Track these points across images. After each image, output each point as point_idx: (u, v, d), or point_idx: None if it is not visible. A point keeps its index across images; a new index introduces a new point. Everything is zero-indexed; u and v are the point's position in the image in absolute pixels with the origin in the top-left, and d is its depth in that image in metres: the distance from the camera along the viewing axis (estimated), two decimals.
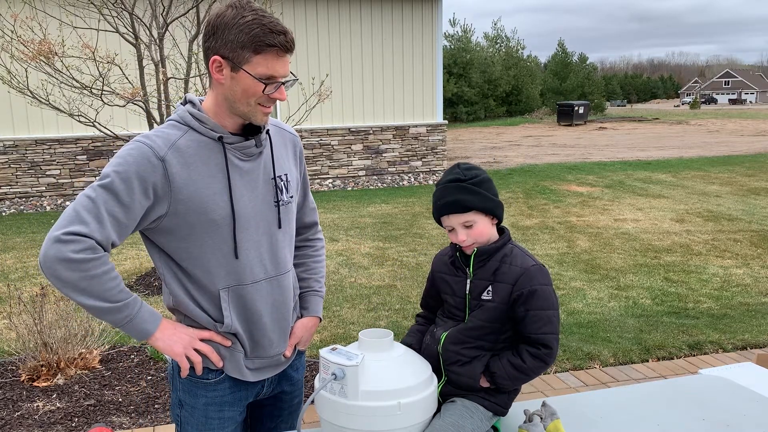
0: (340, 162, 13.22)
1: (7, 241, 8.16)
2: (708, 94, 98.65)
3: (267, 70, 1.56)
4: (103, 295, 1.55)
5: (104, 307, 1.56)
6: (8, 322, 4.47)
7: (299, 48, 12.49)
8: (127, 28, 5.72)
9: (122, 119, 8.71)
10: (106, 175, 1.55)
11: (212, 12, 1.60)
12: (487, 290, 1.73)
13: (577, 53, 49.74)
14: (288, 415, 1.98)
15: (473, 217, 1.71)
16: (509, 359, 1.71)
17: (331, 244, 7.70)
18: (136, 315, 1.61)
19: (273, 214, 1.74)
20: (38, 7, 6.41)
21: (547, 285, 1.70)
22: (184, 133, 1.63)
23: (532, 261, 1.73)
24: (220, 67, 1.58)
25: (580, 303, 5.47)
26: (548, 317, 1.68)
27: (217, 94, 1.64)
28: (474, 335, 1.72)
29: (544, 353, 1.68)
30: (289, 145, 1.86)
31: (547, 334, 1.68)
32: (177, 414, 1.81)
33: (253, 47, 1.54)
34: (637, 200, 10.52)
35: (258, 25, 1.53)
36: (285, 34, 1.56)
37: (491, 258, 1.74)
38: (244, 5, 1.56)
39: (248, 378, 1.79)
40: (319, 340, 4.60)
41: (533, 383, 3.95)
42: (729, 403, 1.99)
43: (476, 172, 1.74)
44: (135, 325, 1.61)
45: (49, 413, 3.57)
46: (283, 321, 1.81)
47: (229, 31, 1.54)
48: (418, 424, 1.65)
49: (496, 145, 21.62)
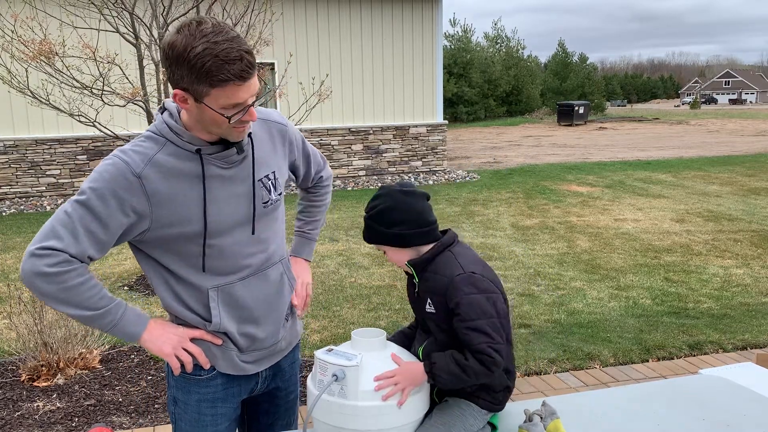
0: (340, 162, 13.22)
1: (7, 241, 8.16)
2: (708, 94, 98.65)
3: (229, 100, 1.50)
4: (84, 303, 1.57)
5: (87, 315, 1.59)
6: (8, 322, 4.48)
7: (299, 48, 12.49)
8: (128, 28, 5.72)
9: (122, 119, 8.72)
10: (83, 191, 1.55)
11: (165, 39, 1.51)
12: (428, 303, 1.74)
13: (577, 53, 49.79)
14: (284, 412, 1.98)
15: (380, 247, 1.78)
16: (453, 354, 1.66)
17: (331, 244, 7.70)
18: (120, 319, 1.63)
19: (258, 217, 1.74)
20: (38, 7, 6.41)
21: (473, 293, 1.64)
22: (162, 146, 1.60)
23: (459, 269, 1.68)
24: (184, 98, 1.53)
25: (580, 303, 5.47)
26: (478, 327, 1.62)
27: (190, 114, 1.60)
28: (444, 348, 1.72)
29: (486, 361, 1.62)
30: (277, 137, 1.82)
31: (481, 344, 1.62)
32: (172, 411, 1.82)
33: (208, 82, 1.47)
34: (637, 200, 10.52)
35: (210, 56, 1.43)
36: (241, 60, 1.46)
37: (425, 270, 1.75)
38: (194, 31, 1.45)
39: (246, 371, 1.79)
40: (320, 340, 4.60)
41: (533, 383, 3.96)
42: (729, 403, 1.99)
43: (375, 204, 1.74)
44: (121, 329, 1.63)
45: (49, 413, 3.57)
46: (275, 312, 1.82)
47: (182, 66, 1.46)
48: (414, 423, 1.67)
49: (496, 145, 21.63)
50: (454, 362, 1.64)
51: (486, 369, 1.63)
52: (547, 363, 4.24)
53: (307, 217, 2.11)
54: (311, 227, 2.11)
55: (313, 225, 2.11)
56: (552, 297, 5.63)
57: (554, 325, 4.96)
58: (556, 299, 5.57)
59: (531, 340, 4.64)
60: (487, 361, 1.62)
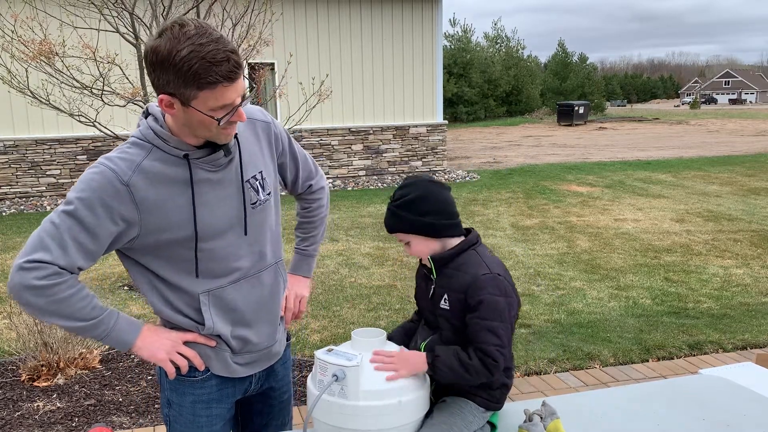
0: (340, 162, 13.22)
1: (7, 241, 8.16)
2: (708, 94, 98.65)
3: (217, 101, 1.48)
4: (75, 315, 1.56)
5: (79, 326, 1.57)
6: (8, 322, 4.48)
7: (299, 48, 12.49)
8: (128, 28, 5.72)
9: (122, 119, 8.71)
10: (70, 201, 1.52)
11: (147, 44, 1.49)
12: (444, 298, 1.73)
13: (577, 53, 49.79)
14: (278, 412, 1.98)
15: (404, 237, 1.74)
16: (457, 351, 1.67)
17: (332, 244, 7.70)
18: (112, 329, 1.61)
19: (249, 218, 1.73)
20: (38, 7, 6.41)
21: (496, 295, 1.65)
22: (148, 152, 1.58)
23: (486, 269, 1.69)
24: (170, 103, 1.50)
25: (580, 303, 5.47)
26: (493, 328, 1.64)
27: (175, 120, 1.57)
28: (448, 344, 1.72)
29: (489, 363, 1.63)
30: (263, 136, 1.80)
31: (491, 345, 1.63)
32: (166, 413, 1.81)
33: (196, 85, 1.45)
34: (637, 200, 10.52)
35: (196, 59, 1.41)
36: (228, 61, 1.44)
37: (447, 265, 1.74)
38: (178, 34, 1.42)
39: (238, 374, 1.79)
40: (320, 340, 4.60)
41: (533, 383, 3.96)
42: (729, 403, 1.99)
43: (403, 192, 1.73)
44: (114, 338, 1.62)
45: (50, 413, 3.57)
46: (269, 315, 1.81)
47: (168, 71, 1.44)
48: (415, 422, 1.67)
49: (496, 145, 21.63)
50: (457, 359, 1.65)
51: (487, 370, 1.64)
52: (547, 363, 4.24)
53: (304, 233, 2.06)
54: (308, 243, 2.06)
55: (310, 241, 2.07)
56: (552, 297, 5.63)
57: (554, 325, 4.96)
58: (556, 299, 5.57)
59: (531, 340, 4.64)
60: (490, 363, 1.63)
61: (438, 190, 1.73)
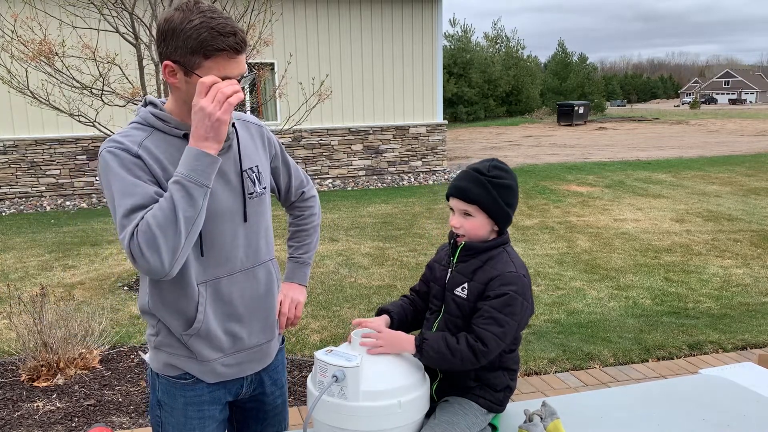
0: (340, 162, 13.22)
1: (7, 241, 8.16)
2: (708, 94, 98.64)
3: (219, 73, 1.54)
4: (187, 213, 1.51)
5: (193, 215, 1.53)
6: (8, 322, 4.47)
7: (299, 48, 12.49)
8: (127, 28, 5.72)
9: (122, 119, 8.71)
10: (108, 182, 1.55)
11: (161, 16, 1.57)
12: (462, 287, 1.73)
13: (577, 53, 49.79)
14: (273, 417, 1.97)
15: (472, 210, 1.72)
16: (445, 335, 1.68)
17: (331, 244, 7.70)
18: (203, 179, 1.55)
19: (248, 207, 1.75)
20: (38, 7, 6.40)
21: (518, 294, 1.66)
22: (149, 134, 1.62)
23: (513, 267, 1.70)
24: (173, 71, 1.56)
25: (580, 303, 5.47)
26: (499, 320, 1.65)
27: (176, 98, 1.63)
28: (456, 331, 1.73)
29: (479, 348, 1.64)
30: (257, 136, 1.85)
31: (490, 332, 1.64)
32: (156, 415, 1.81)
33: (202, 52, 1.52)
34: (637, 200, 10.52)
35: (206, 28, 1.50)
36: (235, 35, 1.53)
37: (476, 256, 1.74)
38: (191, 7, 1.52)
39: (228, 377, 1.79)
40: (320, 340, 4.60)
41: (533, 383, 3.95)
42: (729, 403, 1.99)
43: (501, 174, 1.73)
44: (210, 173, 1.56)
45: (49, 413, 3.57)
46: (262, 312, 1.82)
47: (177, 37, 1.51)
48: (415, 422, 1.66)
49: (496, 145, 21.62)
50: (445, 343, 1.66)
51: (474, 357, 1.64)
52: (547, 363, 4.24)
53: (297, 242, 2.06)
54: (302, 251, 2.06)
55: (304, 249, 2.06)
56: (552, 297, 5.63)
57: (554, 325, 4.96)
58: (556, 299, 5.57)
59: (531, 340, 4.64)
60: (480, 349, 1.64)
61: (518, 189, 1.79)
